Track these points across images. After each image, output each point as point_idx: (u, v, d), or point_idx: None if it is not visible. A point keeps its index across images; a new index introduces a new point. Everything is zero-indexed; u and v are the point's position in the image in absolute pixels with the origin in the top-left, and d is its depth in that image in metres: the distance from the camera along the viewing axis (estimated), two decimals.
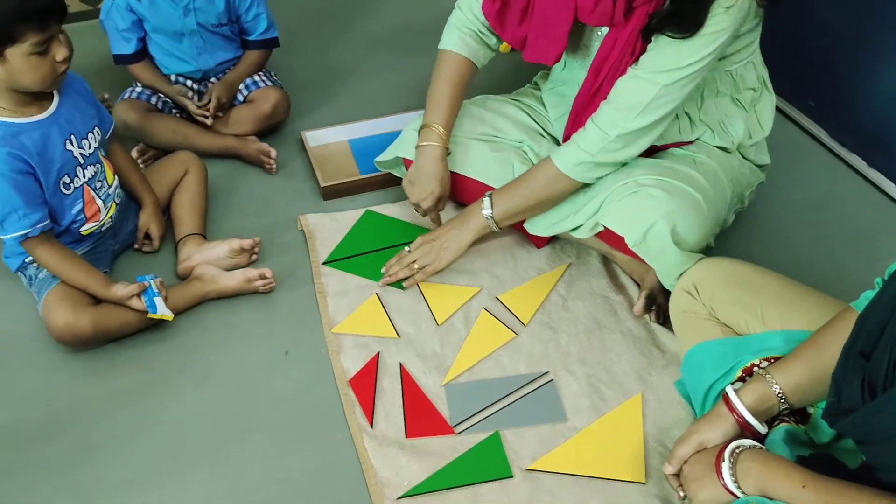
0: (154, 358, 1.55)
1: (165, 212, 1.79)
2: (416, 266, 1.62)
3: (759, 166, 1.67)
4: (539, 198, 1.52)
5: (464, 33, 1.63)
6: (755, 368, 1.24)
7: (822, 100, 1.99)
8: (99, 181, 1.59)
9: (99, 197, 1.59)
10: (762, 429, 1.17)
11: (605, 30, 1.45)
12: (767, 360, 1.24)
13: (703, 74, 1.40)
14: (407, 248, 1.66)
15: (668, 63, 1.36)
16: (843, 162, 1.95)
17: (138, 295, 1.51)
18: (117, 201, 1.66)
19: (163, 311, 1.52)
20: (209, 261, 1.67)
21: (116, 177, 1.67)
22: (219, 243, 1.69)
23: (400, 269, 1.65)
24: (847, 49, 1.86)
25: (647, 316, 1.59)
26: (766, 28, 1.57)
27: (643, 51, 1.39)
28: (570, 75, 1.66)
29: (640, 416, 1.42)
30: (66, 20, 1.43)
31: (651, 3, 1.35)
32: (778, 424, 1.19)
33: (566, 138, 1.56)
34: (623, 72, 1.41)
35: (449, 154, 1.64)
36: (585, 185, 1.51)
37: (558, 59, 1.54)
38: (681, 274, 1.42)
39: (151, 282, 1.53)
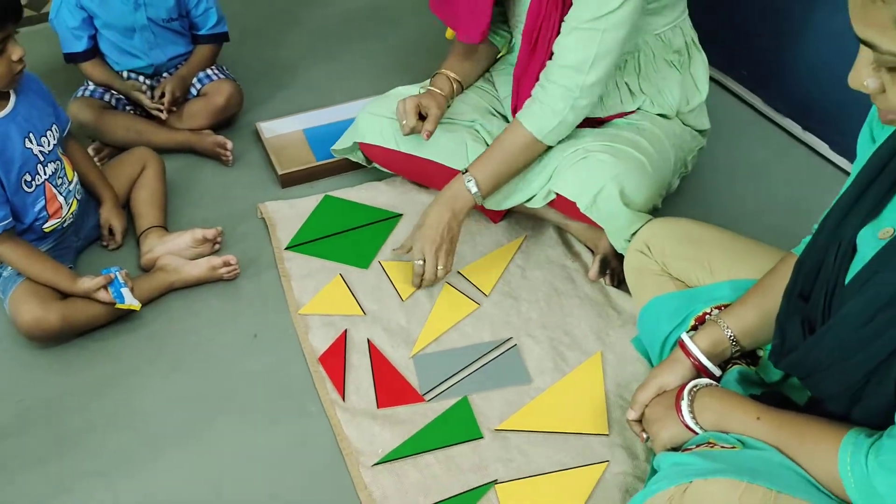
0: (122, 349, 1.56)
1: (125, 207, 1.80)
2: (439, 269, 1.58)
3: (700, 132, 1.75)
4: (518, 166, 1.56)
5: None
6: (707, 316, 1.31)
7: (754, 69, 2.09)
8: (59, 178, 1.60)
9: (60, 193, 1.60)
10: (716, 371, 1.24)
11: None
12: (718, 308, 1.31)
13: (637, 14, 1.45)
14: (418, 262, 1.58)
15: (600, 8, 1.41)
16: (779, 126, 2.05)
17: (105, 287, 1.52)
18: (78, 197, 1.67)
19: (130, 301, 1.53)
20: (172, 252, 1.69)
21: (76, 173, 1.67)
22: (181, 234, 1.71)
23: (428, 280, 1.60)
24: (775, 20, 1.95)
25: (601, 280, 1.65)
26: (697, 5, 1.65)
27: (570, 2, 1.45)
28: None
29: (601, 373, 1.49)
30: None
31: None
32: (731, 367, 1.26)
33: (514, 107, 1.62)
34: (556, 27, 1.47)
35: (449, 103, 1.71)
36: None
37: (484, 36, 1.60)
38: (632, 235, 1.49)
39: (117, 273, 1.54)
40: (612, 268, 1.64)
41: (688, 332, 1.30)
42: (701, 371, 1.24)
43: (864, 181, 0.97)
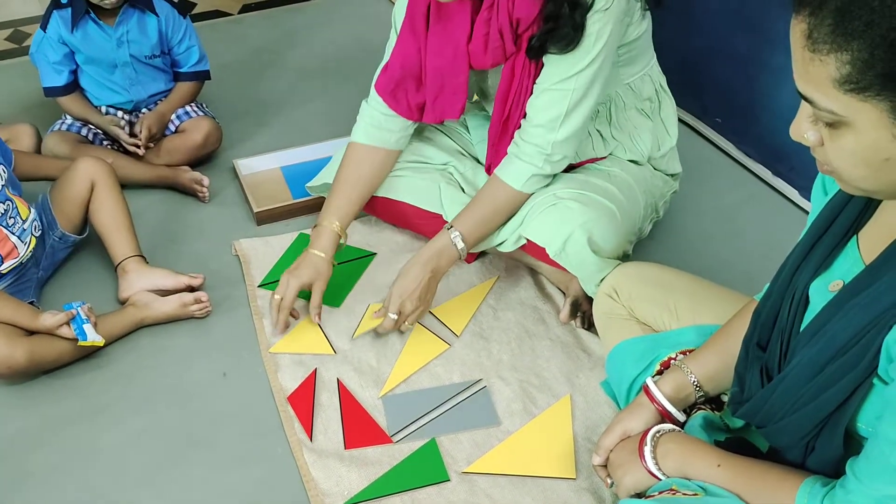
0: (90, 386, 1.55)
1: (82, 231, 1.77)
2: (408, 325, 1.58)
3: (671, 175, 1.78)
4: (501, 219, 1.57)
5: (368, 122, 1.66)
6: (672, 361, 1.31)
7: (728, 116, 2.12)
8: (11, 218, 1.58)
9: (13, 234, 1.58)
10: (680, 416, 1.24)
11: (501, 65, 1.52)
12: (683, 353, 1.32)
13: (608, 68, 1.47)
14: (392, 316, 1.54)
15: (568, 70, 1.44)
16: (751, 172, 2.08)
17: (67, 323, 1.51)
18: (36, 234, 1.65)
19: (93, 338, 1.52)
20: (148, 288, 1.68)
21: (32, 210, 1.65)
22: (163, 275, 1.68)
23: (391, 328, 1.57)
24: (747, 70, 2.00)
25: (572, 322, 1.66)
26: (674, 53, 1.68)
27: (541, 69, 1.47)
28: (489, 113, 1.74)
29: (570, 416, 1.49)
30: None
31: (534, 26, 1.44)
32: (696, 412, 1.27)
33: (488, 167, 1.65)
34: (529, 90, 1.50)
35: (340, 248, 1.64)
36: None
37: (462, 111, 1.61)
38: (601, 280, 1.50)
39: (79, 309, 1.53)
40: (584, 310, 1.65)
41: (653, 376, 1.31)
42: (665, 416, 1.24)
43: (815, 233, 0.99)
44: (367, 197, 1.70)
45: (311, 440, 1.45)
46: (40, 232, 1.68)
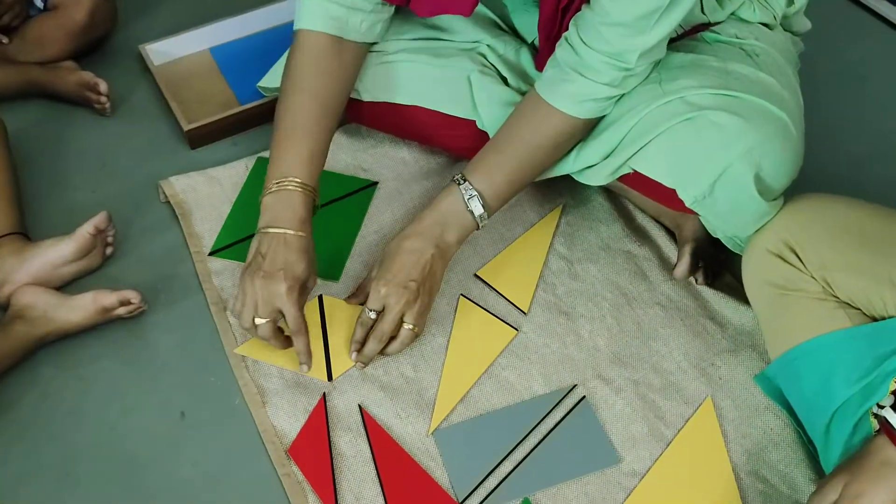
0: None
1: None
2: (407, 327, 1.00)
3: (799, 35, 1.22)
4: (547, 163, 1.04)
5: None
6: None
7: None
8: None
9: None
10: None
11: None
12: None
13: None
14: (369, 313, 1.00)
15: None
16: (878, 17, 1.52)
17: None
18: None
19: None
20: (39, 277, 1.08)
21: None
22: (53, 243, 1.10)
23: (380, 340, 1.01)
24: None
25: (690, 278, 1.14)
26: None
27: None
28: None
29: (720, 436, 1.00)
30: None
31: None
32: None
33: (540, 68, 1.07)
34: None
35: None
36: None
37: (475, 5, 1.01)
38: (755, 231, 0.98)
39: None
40: (706, 259, 1.13)
41: (884, 405, 0.83)
42: None
43: None
44: (335, 123, 1.06)
45: None
46: None
